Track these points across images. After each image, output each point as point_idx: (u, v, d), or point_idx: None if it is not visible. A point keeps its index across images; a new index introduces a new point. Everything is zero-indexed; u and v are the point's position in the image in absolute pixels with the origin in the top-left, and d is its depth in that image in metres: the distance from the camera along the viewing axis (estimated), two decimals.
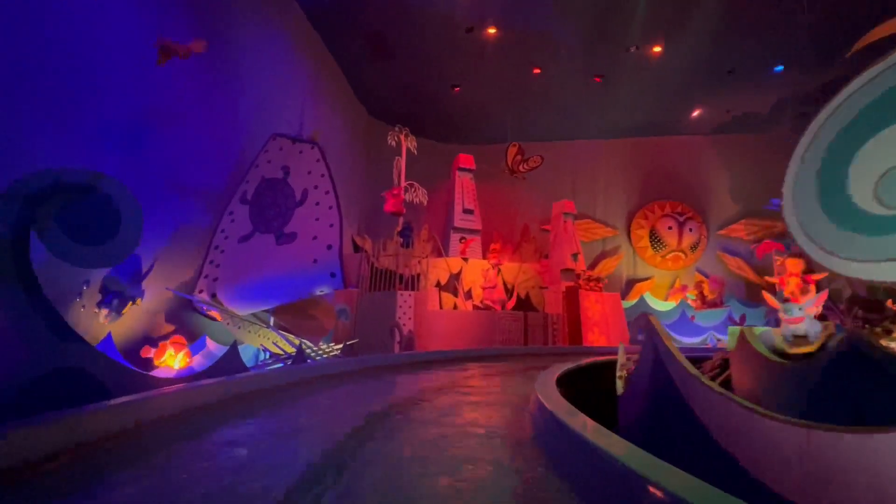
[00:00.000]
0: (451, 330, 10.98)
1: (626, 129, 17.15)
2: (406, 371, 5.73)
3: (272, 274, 6.20)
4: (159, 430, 2.31)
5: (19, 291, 3.02)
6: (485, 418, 2.67)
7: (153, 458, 1.88)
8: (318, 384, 4.25)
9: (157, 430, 2.31)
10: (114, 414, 2.27)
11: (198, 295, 6.31)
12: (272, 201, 6.91)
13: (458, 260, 13.10)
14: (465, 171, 15.08)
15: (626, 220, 17.35)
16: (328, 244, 6.17)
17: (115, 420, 2.25)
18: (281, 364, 6.19)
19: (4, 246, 2.99)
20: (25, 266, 3.07)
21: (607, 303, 13.27)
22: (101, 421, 2.17)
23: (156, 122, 6.50)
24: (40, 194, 3.12)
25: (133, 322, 5.81)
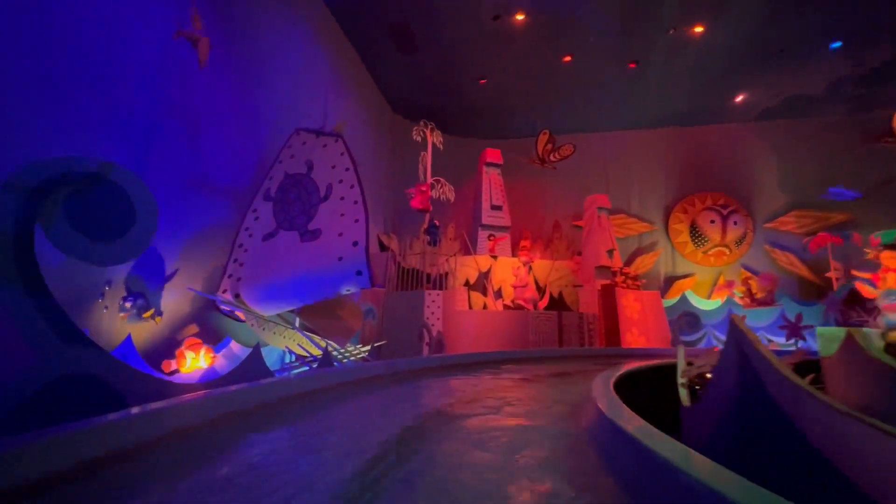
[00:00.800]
0: (481, 331, 10.52)
1: (662, 119, 16.25)
2: (437, 375, 5.33)
3: (296, 273, 5.90)
4: (173, 446, 1.98)
5: (22, 291, 2.77)
6: (531, 443, 2.20)
7: (162, 481, 1.53)
8: (344, 391, 3.89)
9: (171, 446, 1.98)
10: (123, 428, 1.95)
11: (221, 295, 6.08)
12: (296, 197, 6.63)
13: (486, 258, 12.63)
14: (493, 166, 14.60)
15: (663, 215, 16.44)
16: (354, 240, 5.82)
17: (126, 434, 1.93)
18: (307, 367, 5.89)
19: (6, 241, 2.74)
20: (29, 263, 2.83)
21: (646, 301, 12.52)
22: (108, 435, 1.85)
23: (177, 117, 6.32)
24: (46, 185, 2.87)
25: (155, 324, 5.62)
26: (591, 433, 2.21)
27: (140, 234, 3.39)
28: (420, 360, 6.03)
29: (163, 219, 6.21)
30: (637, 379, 4.65)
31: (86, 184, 3.07)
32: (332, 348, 6.41)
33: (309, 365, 5.85)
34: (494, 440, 2.13)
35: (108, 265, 4.08)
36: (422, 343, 8.93)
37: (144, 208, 3.42)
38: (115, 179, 3.22)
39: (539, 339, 10.54)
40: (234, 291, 6.10)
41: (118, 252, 3.31)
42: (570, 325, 11.01)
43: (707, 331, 13.03)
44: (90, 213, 3.10)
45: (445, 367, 6.24)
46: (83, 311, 4.86)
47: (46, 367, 2.84)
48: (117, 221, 3.26)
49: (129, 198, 3.29)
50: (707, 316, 13.34)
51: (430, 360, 6.04)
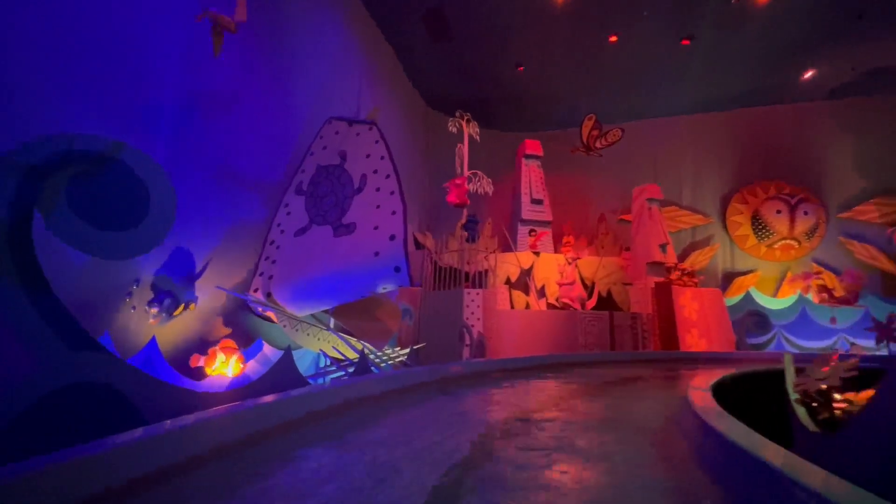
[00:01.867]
0: (525, 332, 9.83)
1: (718, 101, 14.94)
2: (482, 383, 4.74)
3: (330, 270, 5.45)
4: (193, 474, 1.52)
5: (18, 288, 2.39)
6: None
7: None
8: (384, 403, 3.37)
9: (190, 475, 1.52)
10: (137, 452, 1.52)
11: (252, 294, 5.72)
12: (329, 190, 6.21)
13: (528, 254, 11.90)
14: (532, 158, 13.86)
15: (719, 206, 15.12)
16: (391, 234, 5.31)
17: (141, 459, 1.51)
18: (343, 372, 5.44)
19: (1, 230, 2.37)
20: (27, 256, 2.46)
21: (706, 300, 11.40)
22: (121, 460, 1.44)
23: (206, 109, 6.03)
24: (46, 165, 2.51)
25: (185, 325, 5.31)
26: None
27: (156, 224, 3.00)
28: (464, 364, 5.45)
29: (192, 214, 5.96)
30: (734, 389, 3.87)
31: (92, 165, 2.70)
32: (369, 351, 5.93)
33: (345, 370, 5.39)
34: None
35: (117, 259, 3.74)
36: (462, 345, 8.35)
37: (160, 195, 3.02)
38: (127, 161, 2.83)
39: (588, 341, 9.73)
40: (265, 290, 5.73)
41: (130, 244, 2.93)
42: (622, 326, 10.12)
43: (777, 332, 11.74)
44: (97, 198, 2.72)
45: (491, 373, 5.64)
46: (108, 312, 4.58)
47: (47, 375, 2.46)
48: (129, 209, 2.88)
49: (143, 182, 2.90)
50: (776, 316, 12.04)
51: (474, 365, 5.46)
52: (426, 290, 10.49)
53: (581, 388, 4.61)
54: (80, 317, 3.63)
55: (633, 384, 5.30)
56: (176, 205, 3.13)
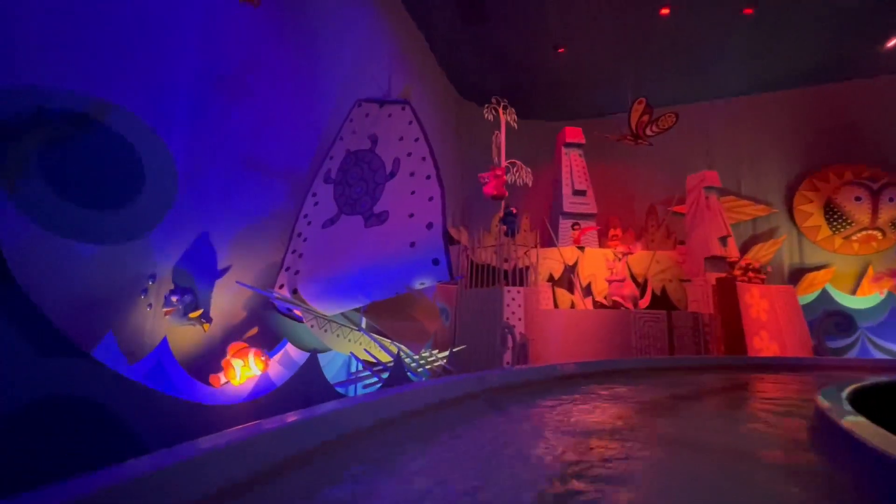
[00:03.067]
0: (572, 334, 8.98)
1: (783, 79, 13.49)
2: (535, 395, 4.03)
3: (361, 264, 4.86)
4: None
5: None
6: None
7: None
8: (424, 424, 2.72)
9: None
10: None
11: (278, 291, 5.21)
12: (359, 177, 5.63)
13: (572, 249, 11.01)
14: (574, 147, 12.94)
15: (784, 194, 13.65)
16: (428, 222, 4.66)
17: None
18: (376, 378, 4.83)
19: None
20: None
21: (777, 298, 10.17)
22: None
23: (228, 93, 5.58)
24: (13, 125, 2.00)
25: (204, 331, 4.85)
26: None
27: (153, 200, 2.47)
28: (513, 372, 4.73)
29: (214, 206, 5.53)
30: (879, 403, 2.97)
31: (72, 127, 2.19)
32: (405, 355, 5.30)
33: (378, 375, 4.78)
34: None
35: (105, 244, 3.24)
36: (505, 348, 7.62)
37: (157, 165, 2.49)
38: (114, 124, 2.31)
39: (644, 344, 8.77)
40: (291, 287, 5.21)
41: (121, 226, 2.41)
42: (682, 327, 9.09)
43: (861, 334, 10.33)
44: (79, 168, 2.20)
45: (542, 382, 4.90)
46: (122, 310, 4.15)
47: (4, 388, 1.93)
48: (119, 183, 2.36)
49: (135, 150, 2.38)
50: (859, 316, 10.61)
51: (523, 373, 4.74)
52: (462, 288, 9.81)
53: (655, 403, 3.80)
54: (84, 316, 3.11)
55: (717, 397, 4.42)
56: (177, 177, 2.60)
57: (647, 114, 11.64)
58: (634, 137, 11.82)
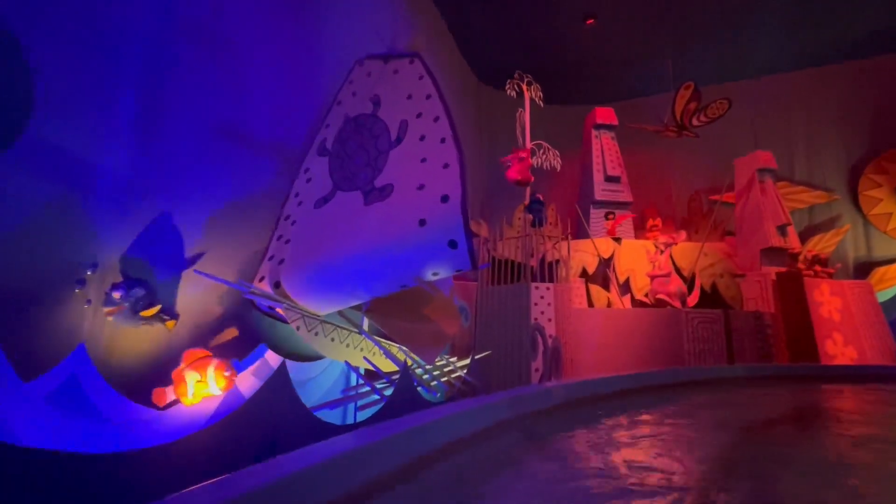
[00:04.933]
0: (611, 337, 7.77)
1: (839, 50, 11.96)
2: (580, 421, 2.94)
3: (358, 250, 3.83)
4: None
5: None
6: None
7: None
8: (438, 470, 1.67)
9: None
10: None
11: (257, 284, 4.21)
12: (358, 146, 4.60)
13: (607, 241, 9.78)
14: (605, 129, 11.69)
15: (847, 179, 12.09)
16: (442, 195, 3.60)
17: None
18: (377, 395, 3.76)
19: None
20: None
21: (852, 295, 8.74)
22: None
23: (201, 41, 4.61)
24: None
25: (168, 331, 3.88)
26: None
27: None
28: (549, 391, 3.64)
29: (180, 180, 4.59)
30: None
31: None
32: (414, 363, 4.24)
33: (379, 391, 3.72)
34: None
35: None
36: (535, 352, 6.48)
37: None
38: None
39: (698, 348, 7.49)
40: (272, 279, 4.20)
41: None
42: (742, 329, 7.77)
43: None
44: None
45: (590, 400, 3.79)
46: (48, 306, 3.20)
47: None
48: None
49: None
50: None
51: (563, 391, 3.64)
52: (483, 286, 8.71)
53: (747, 433, 2.65)
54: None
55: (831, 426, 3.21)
56: (30, 75, 1.62)
57: (694, 100, 10.29)
58: (678, 128, 10.46)
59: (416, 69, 4.73)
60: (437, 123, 4.27)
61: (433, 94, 4.45)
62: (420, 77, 4.64)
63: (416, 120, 4.45)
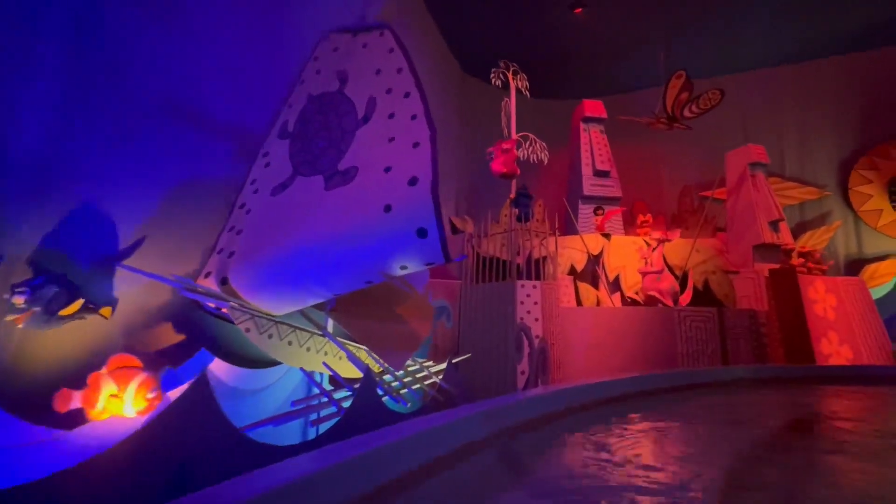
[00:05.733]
0: (600, 337, 7.38)
1: (832, 43, 11.78)
2: (569, 437, 2.50)
3: (317, 241, 3.34)
4: None
5: None
6: None
7: None
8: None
9: None
10: None
11: (202, 281, 3.69)
12: (322, 126, 4.11)
13: (596, 237, 9.40)
14: (594, 122, 11.32)
15: (837, 174, 11.91)
16: (410, 177, 3.13)
17: None
18: (334, 408, 3.27)
19: None
20: None
21: (846, 292, 8.48)
22: None
23: (150, 15, 4.08)
24: None
25: (93, 331, 3.34)
26: None
27: None
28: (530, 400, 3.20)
29: (114, 163, 4.05)
30: None
31: None
32: (383, 370, 3.76)
33: (337, 403, 3.23)
34: None
35: None
36: (520, 354, 6.04)
37: None
38: None
39: (691, 349, 7.13)
40: (220, 275, 3.68)
41: None
42: (736, 328, 7.44)
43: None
44: None
45: (578, 410, 3.37)
46: None
47: None
48: None
49: None
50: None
51: (547, 400, 3.21)
52: (467, 284, 8.26)
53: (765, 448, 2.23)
54: None
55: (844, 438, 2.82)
56: None
57: (686, 90, 9.96)
58: (669, 120, 10.13)
59: (386, 41, 4.25)
60: (407, 99, 3.79)
61: (404, 67, 3.98)
62: (390, 50, 4.16)
63: (385, 96, 3.97)
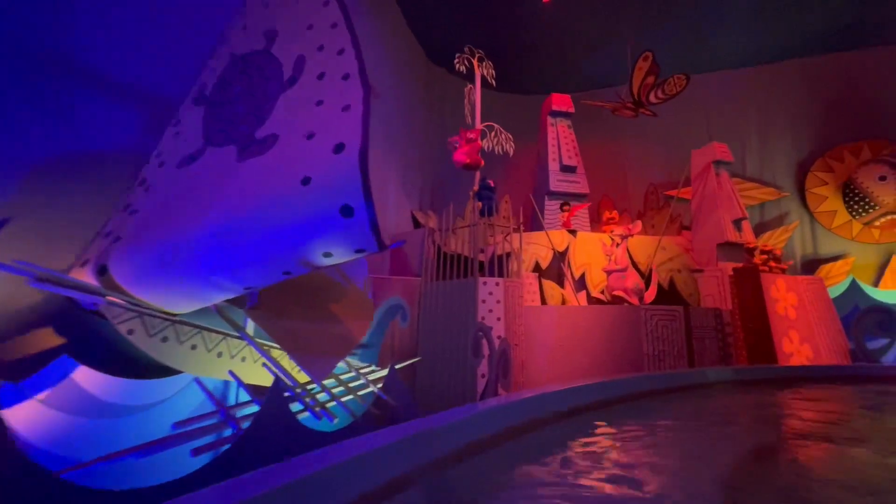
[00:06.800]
0: (565, 337, 6.99)
1: (788, 49, 11.99)
2: (525, 461, 1.96)
3: (222, 221, 2.68)
4: None
5: None
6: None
7: None
8: None
9: None
10: None
11: (77, 270, 2.95)
12: (244, 90, 3.46)
13: (562, 233, 9.05)
14: (561, 116, 11.01)
15: (794, 176, 12.11)
16: (336, 143, 2.51)
17: None
18: (231, 429, 2.62)
19: None
20: None
21: (806, 291, 8.46)
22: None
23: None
24: None
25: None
26: None
27: None
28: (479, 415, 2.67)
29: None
30: None
31: None
32: (305, 381, 3.16)
33: (235, 423, 2.59)
34: None
35: None
36: (478, 358, 5.54)
37: None
38: None
39: (656, 350, 6.84)
40: (98, 263, 2.95)
41: None
42: (702, 327, 7.22)
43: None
44: None
45: (535, 427, 2.90)
46: None
47: None
48: None
49: None
50: None
51: (496, 415, 2.71)
52: (427, 281, 7.71)
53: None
54: None
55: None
56: None
57: (652, 73, 9.77)
58: (636, 104, 9.93)
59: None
60: (341, 57, 3.19)
61: (339, 22, 3.37)
62: (325, 2, 3.54)
63: (316, 54, 3.36)
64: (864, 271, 10.94)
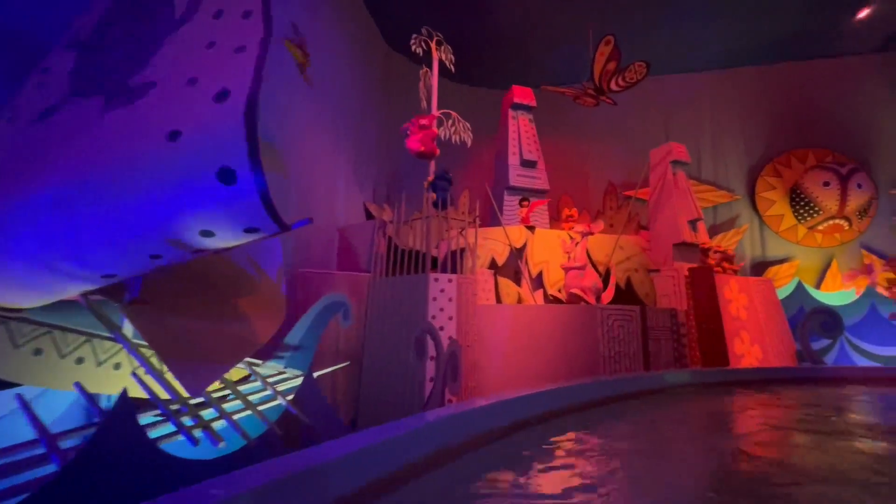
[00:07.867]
0: (521, 339, 6.59)
1: (744, 55, 12.24)
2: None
3: (75, 189, 1.97)
4: None
5: None
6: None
7: None
8: None
9: None
10: None
11: None
12: (125, 33, 2.77)
13: (520, 229, 8.68)
14: (523, 109, 10.69)
15: (745, 180, 12.39)
16: (220, 89, 1.87)
17: None
18: (55, 464, 1.96)
19: None
20: None
21: (756, 292, 8.52)
22: None
23: None
24: None
25: None
26: None
27: None
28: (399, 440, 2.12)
29: None
30: None
31: None
32: (186, 395, 2.52)
33: (58, 456, 1.93)
34: None
35: None
36: (421, 362, 5.02)
37: None
38: None
39: (613, 351, 6.57)
40: None
41: None
42: (658, 328, 7.03)
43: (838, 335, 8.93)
44: None
45: (471, 446, 2.41)
46: None
47: None
48: None
49: None
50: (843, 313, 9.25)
51: (422, 435, 2.19)
52: (376, 277, 7.12)
53: None
54: None
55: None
56: None
57: (614, 59, 9.59)
58: (597, 91, 9.75)
59: None
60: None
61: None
62: None
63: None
64: (808, 274, 11.30)
